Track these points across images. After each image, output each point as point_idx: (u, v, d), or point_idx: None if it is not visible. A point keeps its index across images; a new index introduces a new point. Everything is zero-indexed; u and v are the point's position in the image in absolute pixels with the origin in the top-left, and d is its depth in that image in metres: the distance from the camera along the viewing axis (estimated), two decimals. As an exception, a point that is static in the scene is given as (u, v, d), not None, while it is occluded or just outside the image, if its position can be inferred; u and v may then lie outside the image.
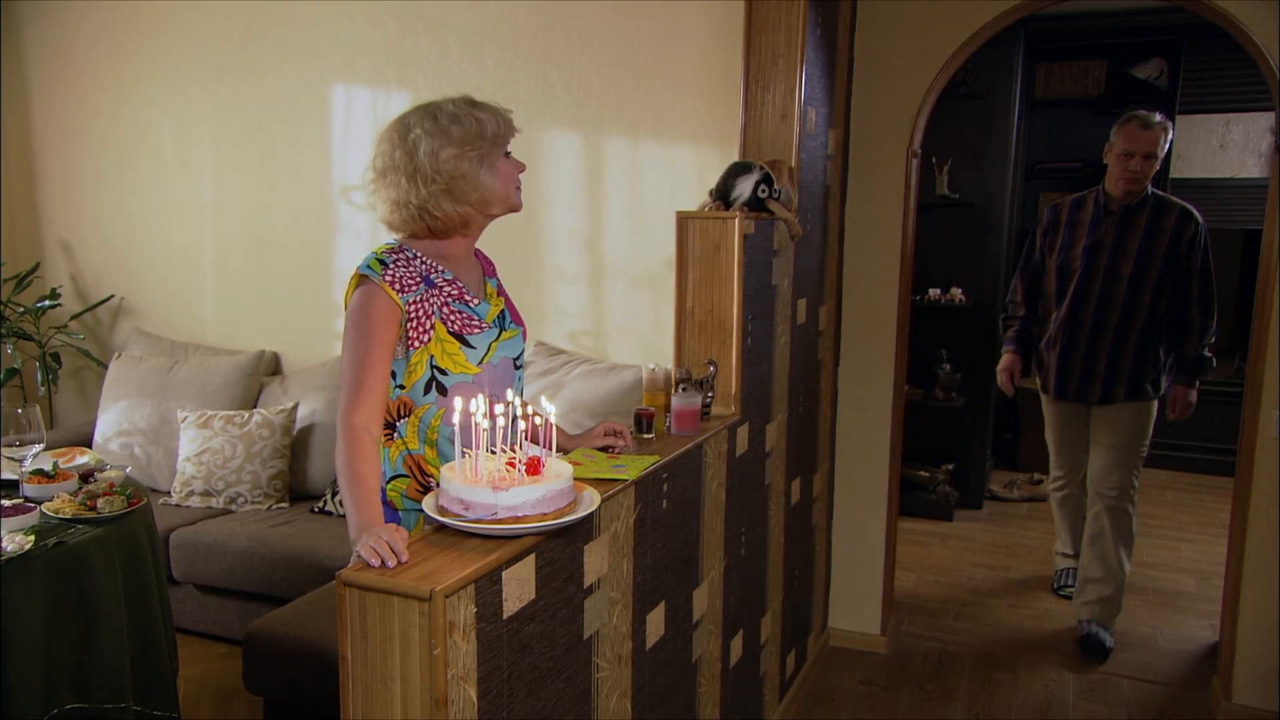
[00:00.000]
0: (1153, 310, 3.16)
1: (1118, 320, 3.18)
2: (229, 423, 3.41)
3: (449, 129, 1.65)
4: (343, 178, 3.64)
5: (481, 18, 3.31)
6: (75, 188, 4.07)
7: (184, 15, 3.75)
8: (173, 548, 3.13)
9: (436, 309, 1.65)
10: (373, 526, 1.43)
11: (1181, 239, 3.11)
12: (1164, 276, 3.13)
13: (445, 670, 1.24)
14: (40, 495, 2.23)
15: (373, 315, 1.60)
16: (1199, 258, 3.13)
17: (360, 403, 1.57)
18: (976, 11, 2.84)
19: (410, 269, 1.65)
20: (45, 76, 4.02)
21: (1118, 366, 3.21)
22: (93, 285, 4.12)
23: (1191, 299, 3.14)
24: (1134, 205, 3.15)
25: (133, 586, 2.18)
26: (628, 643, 1.77)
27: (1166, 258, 3.12)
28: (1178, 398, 3.26)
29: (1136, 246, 3.14)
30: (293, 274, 3.77)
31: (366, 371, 1.58)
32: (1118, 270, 3.17)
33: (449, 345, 1.66)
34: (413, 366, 1.66)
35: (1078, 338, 3.25)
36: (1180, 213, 3.14)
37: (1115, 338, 3.19)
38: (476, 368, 1.69)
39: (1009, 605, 3.68)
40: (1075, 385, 3.30)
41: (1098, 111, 5.54)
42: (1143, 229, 3.14)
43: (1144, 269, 3.14)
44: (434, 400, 1.68)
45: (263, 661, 2.44)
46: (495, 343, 1.73)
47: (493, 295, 1.80)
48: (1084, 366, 3.26)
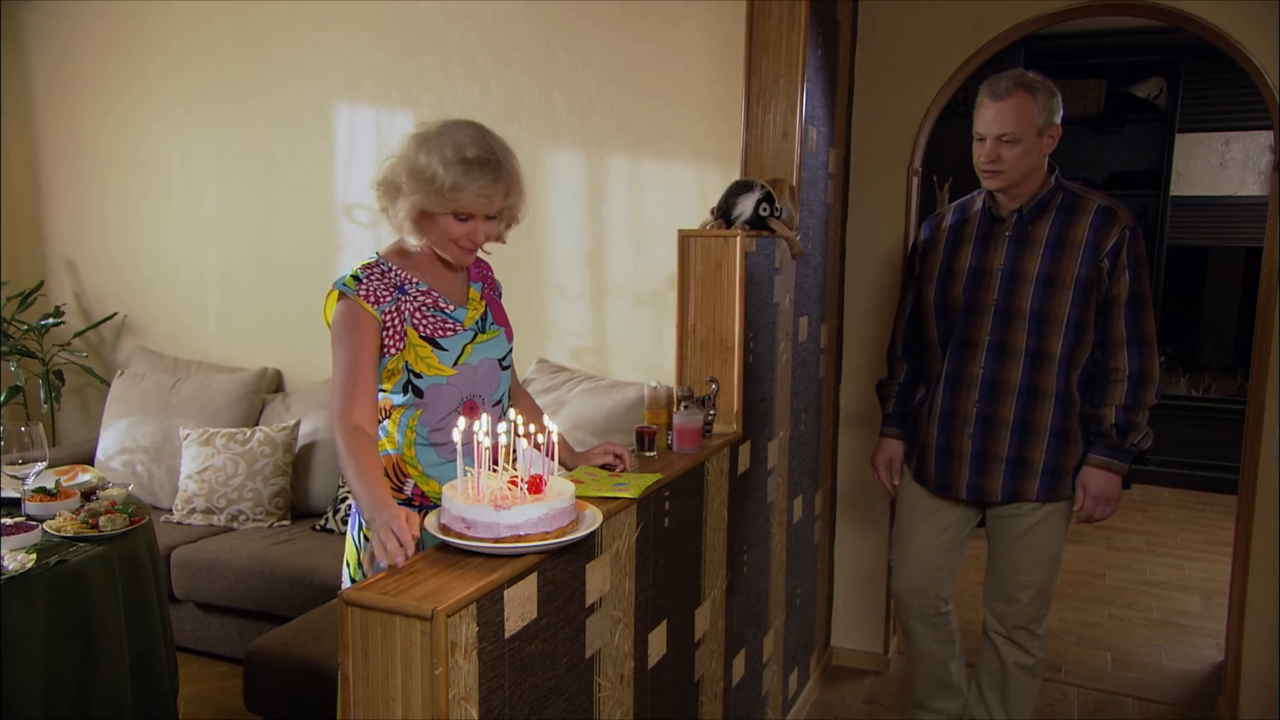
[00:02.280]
0: (1069, 360, 2.21)
1: (1022, 379, 2.22)
2: (231, 440, 3.41)
3: (424, 157, 1.67)
4: (345, 196, 3.65)
5: (485, 38, 3.34)
6: (80, 206, 4.09)
7: (189, 34, 3.78)
8: (174, 566, 3.13)
9: (408, 315, 1.71)
10: (384, 500, 1.47)
11: (1100, 252, 2.15)
12: (1081, 309, 2.18)
13: (447, 690, 1.23)
14: (42, 513, 2.23)
15: (355, 325, 1.66)
16: (1127, 278, 2.15)
17: (354, 404, 1.62)
18: (976, 31, 2.86)
19: (384, 281, 1.71)
20: (51, 94, 4.04)
21: (1026, 448, 2.25)
22: (96, 303, 4.13)
23: (1116, 341, 2.18)
24: (1031, 209, 2.21)
25: (134, 605, 2.17)
26: (630, 662, 1.76)
27: (1081, 282, 2.16)
28: (1091, 485, 2.23)
29: (1037, 269, 2.18)
30: (295, 292, 3.78)
31: (357, 375, 1.64)
32: (1013, 304, 2.21)
33: (421, 349, 1.71)
34: (390, 371, 1.72)
35: (963, 405, 2.29)
36: (1099, 214, 2.17)
37: (1020, 404, 2.24)
38: (451, 369, 1.73)
39: (1013, 624, 3.66)
40: (966, 477, 2.31)
41: (1098, 130, 5.58)
42: (1045, 243, 2.19)
43: (1050, 301, 2.18)
44: (410, 401, 1.73)
45: (263, 681, 2.43)
46: (471, 344, 1.76)
47: (474, 300, 1.82)
48: (976, 448, 2.29)
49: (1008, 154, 2.13)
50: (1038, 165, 2.17)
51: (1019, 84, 2.11)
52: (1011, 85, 2.11)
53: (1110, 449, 2.21)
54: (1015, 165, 2.14)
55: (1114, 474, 2.22)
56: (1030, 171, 2.17)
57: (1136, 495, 5.38)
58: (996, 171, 2.16)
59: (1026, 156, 2.13)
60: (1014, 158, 2.14)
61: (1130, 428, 2.19)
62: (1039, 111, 2.12)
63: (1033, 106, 2.12)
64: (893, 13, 2.95)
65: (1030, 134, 2.12)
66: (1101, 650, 3.46)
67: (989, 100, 2.15)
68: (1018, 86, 2.11)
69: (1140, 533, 4.78)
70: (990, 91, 2.15)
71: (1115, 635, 3.58)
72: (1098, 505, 2.24)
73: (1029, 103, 2.12)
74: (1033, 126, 2.12)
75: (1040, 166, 2.19)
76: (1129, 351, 2.17)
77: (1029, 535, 2.32)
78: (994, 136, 2.14)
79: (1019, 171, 2.15)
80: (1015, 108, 2.11)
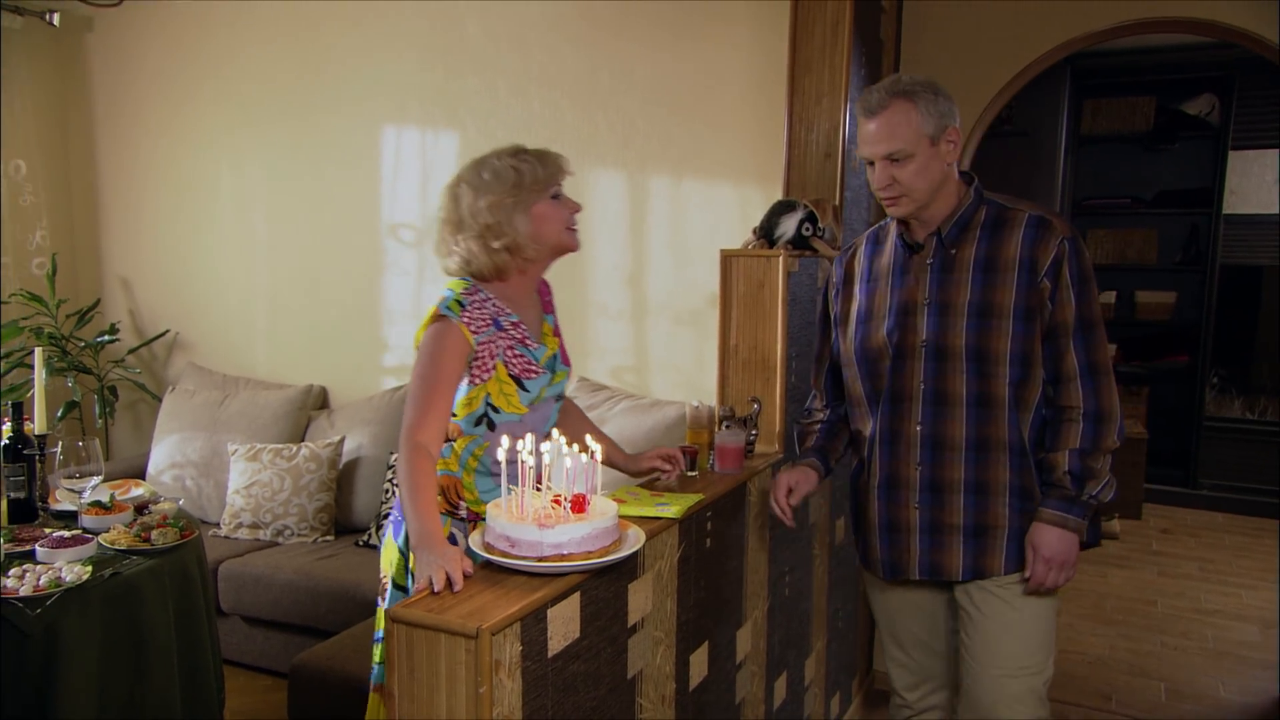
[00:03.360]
0: (1017, 402, 1.82)
1: (967, 431, 1.83)
2: (277, 456, 3.46)
3: (488, 180, 1.74)
4: (391, 216, 3.72)
5: (528, 59, 3.38)
6: (135, 226, 4.21)
7: (241, 59, 3.88)
8: (221, 579, 3.18)
9: (501, 351, 1.73)
10: (434, 535, 1.49)
11: (1038, 271, 1.78)
12: (1024, 341, 1.79)
13: (491, 708, 1.24)
14: (97, 526, 2.28)
15: (447, 348, 1.69)
16: (1072, 299, 1.78)
17: (425, 423, 1.64)
18: (1022, 49, 2.84)
19: (483, 311, 1.74)
20: (110, 120, 4.17)
21: (984, 513, 1.84)
22: (149, 321, 4.23)
23: (1067, 375, 1.80)
24: (951, 230, 1.84)
25: (183, 618, 2.21)
26: (671, 683, 1.76)
27: (1020, 309, 1.79)
28: (1041, 545, 1.81)
29: (968, 299, 1.81)
30: (341, 310, 3.85)
31: (434, 396, 1.67)
32: (945, 343, 1.83)
33: (506, 386, 1.74)
34: (469, 399, 1.74)
35: (904, 469, 1.88)
36: (1031, 226, 1.81)
37: (970, 461, 1.84)
38: (526, 409, 1.77)
39: (1059, 651, 3.58)
40: (916, 554, 1.90)
41: (1147, 147, 5.49)
42: (973, 267, 1.82)
43: (986, 334, 1.80)
44: (482, 434, 1.76)
45: (307, 695, 2.46)
46: (546, 387, 1.81)
47: (549, 335, 1.86)
48: (925, 519, 1.88)
49: (902, 174, 1.77)
50: (944, 179, 1.81)
51: (893, 92, 1.77)
52: (885, 95, 1.77)
53: (1064, 501, 1.79)
54: (915, 184, 1.78)
55: (1069, 531, 1.79)
56: (936, 187, 1.81)
57: (1190, 520, 5.24)
58: (896, 197, 1.81)
59: (925, 172, 1.78)
60: (910, 177, 1.77)
61: (1088, 475, 1.79)
62: (924, 118, 1.76)
63: (914, 114, 1.76)
64: (937, 31, 2.94)
65: (921, 145, 1.76)
66: (1154, 680, 3.36)
67: (864, 118, 1.81)
68: (892, 95, 1.77)
69: (1193, 559, 4.65)
70: (864, 108, 1.80)
71: (1169, 665, 3.48)
72: (1050, 570, 1.80)
73: (909, 111, 1.76)
74: (921, 136, 1.76)
75: (949, 179, 1.82)
76: (1083, 386, 1.79)
77: (1007, 617, 1.87)
78: (880, 157, 1.79)
79: (922, 191, 1.79)
80: (895, 120, 1.76)
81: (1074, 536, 1.80)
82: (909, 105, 1.76)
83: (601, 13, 3.26)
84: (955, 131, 1.80)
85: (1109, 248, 5.70)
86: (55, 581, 1.94)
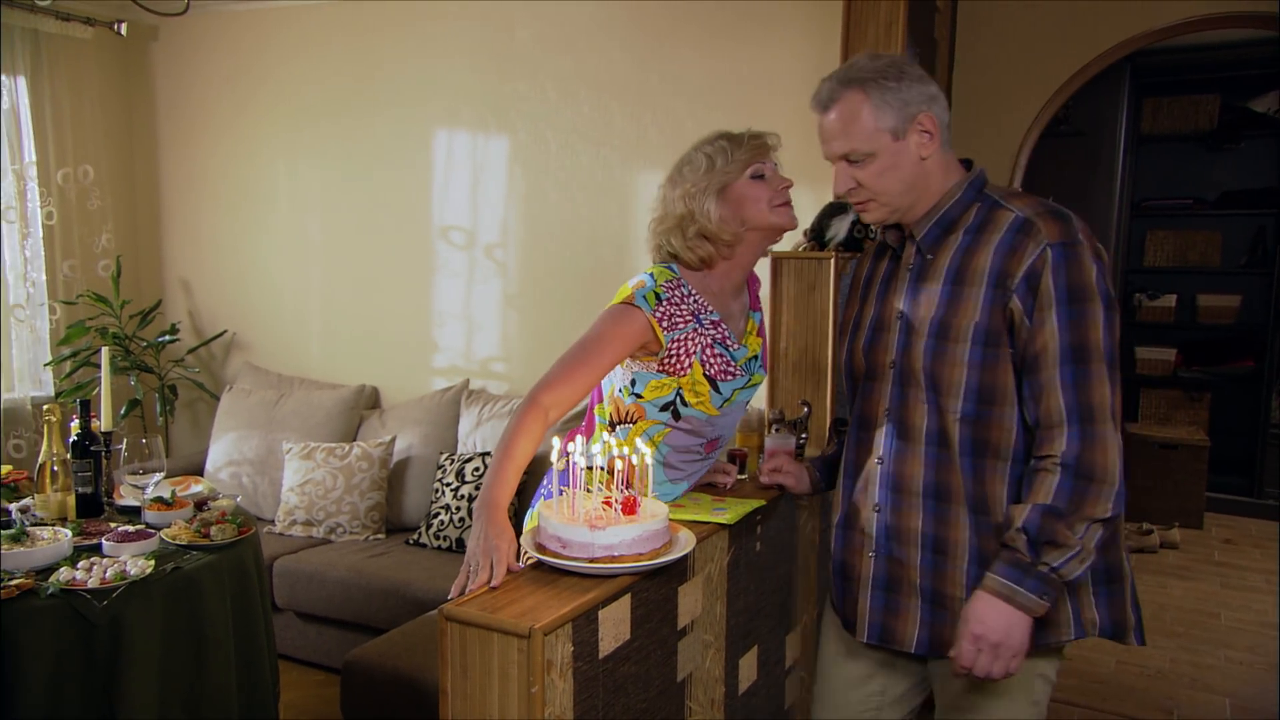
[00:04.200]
0: (971, 447, 1.50)
1: (925, 474, 1.53)
2: (330, 455, 3.52)
3: (683, 171, 1.73)
4: (442, 218, 3.76)
5: (578, 62, 3.40)
6: (195, 229, 4.32)
7: (297, 64, 3.96)
8: (276, 575, 3.24)
9: (699, 350, 1.69)
10: (497, 506, 1.48)
11: (1007, 285, 1.45)
12: (980, 371, 1.47)
13: (543, 708, 1.24)
14: (159, 522, 2.34)
15: (620, 335, 1.64)
16: (1054, 322, 1.43)
17: (557, 387, 1.60)
18: (1081, 47, 2.78)
19: (683, 306, 1.69)
20: (172, 126, 4.29)
21: (942, 577, 1.53)
22: (208, 321, 4.34)
23: (1049, 419, 1.43)
24: (928, 232, 1.56)
25: (241, 612, 2.26)
26: (720, 687, 1.75)
27: (979, 331, 1.47)
28: (972, 618, 1.43)
29: (932, 314, 1.52)
30: (393, 311, 3.91)
31: (582, 368, 1.62)
32: (908, 364, 1.54)
33: (700, 385, 1.70)
34: (660, 385, 1.70)
35: (862, 509, 1.61)
36: (1011, 230, 1.48)
37: (929, 511, 1.53)
38: (716, 410, 1.73)
39: (1117, 662, 3.49)
40: (866, 613, 1.60)
41: (1211, 147, 5.34)
42: (944, 277, 1.52)
43: (940, 359, 1.50)
44: (665, 421, 1.73)
45: (359, 691, 2.49)
46: (740, 390, 1.76)
47: (751, 335, 1.81)
48: (881, 573, 1.59)
49: (865, 175, 1.52)
50: (919, 175, 1.52)
51: (843, 82, 1.51)
52: (835, 87, 1.52)
53: (1015, 569, 1.41)
54: (882, 186, 1.52)
55: (1014, 608, 1.40)
56: (909, 187, 1.53)
57: (1254, 530, 5.08)
58: (863, 202, 1.57)
59: (892, 171, 1.51)
60: (873, 178, 1.51)
61: (1048, 540, 1.39)
62: (880, 109, 1.49)
63: (867, 107, 1.49)
64: (992, 31, 2.90)
65: (882, 141, 1.50)
66: (1218, 695, 3.26)
67: (817, 114, 1.56)
68: (842, 86, 1.51)
69: (1259, 570, 4.50)
70: (814, 101, 1.55)
71: (1233, 680, 3.38)
72: (979, 651, 1.41)
73: (861, 103, 1.49)
74: (879, 131, 1.49)
75: (928, 175, 1.53)
76: (1068, 432, 1.40)
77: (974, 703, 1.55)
78: (836, 158, 1.54)
79: (893, 193, 1.53)
80: (846, 115, 1.50)
81: (1019, 616, 1.40)
82: (860, 97, 1.49)
83: (651, 15, 3.27)
84: (929, 118, 1.50)
85: (1170, 250, 5.55)
86: (120, 574, 1.99)
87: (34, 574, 1.98)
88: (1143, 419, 5.58)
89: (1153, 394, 5.63)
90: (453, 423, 3.60)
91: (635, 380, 1.72)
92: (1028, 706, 1.54)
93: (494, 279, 3.71)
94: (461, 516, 3.32)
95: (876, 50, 2.42)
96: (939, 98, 1.53)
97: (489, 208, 3.67)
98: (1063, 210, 1.47)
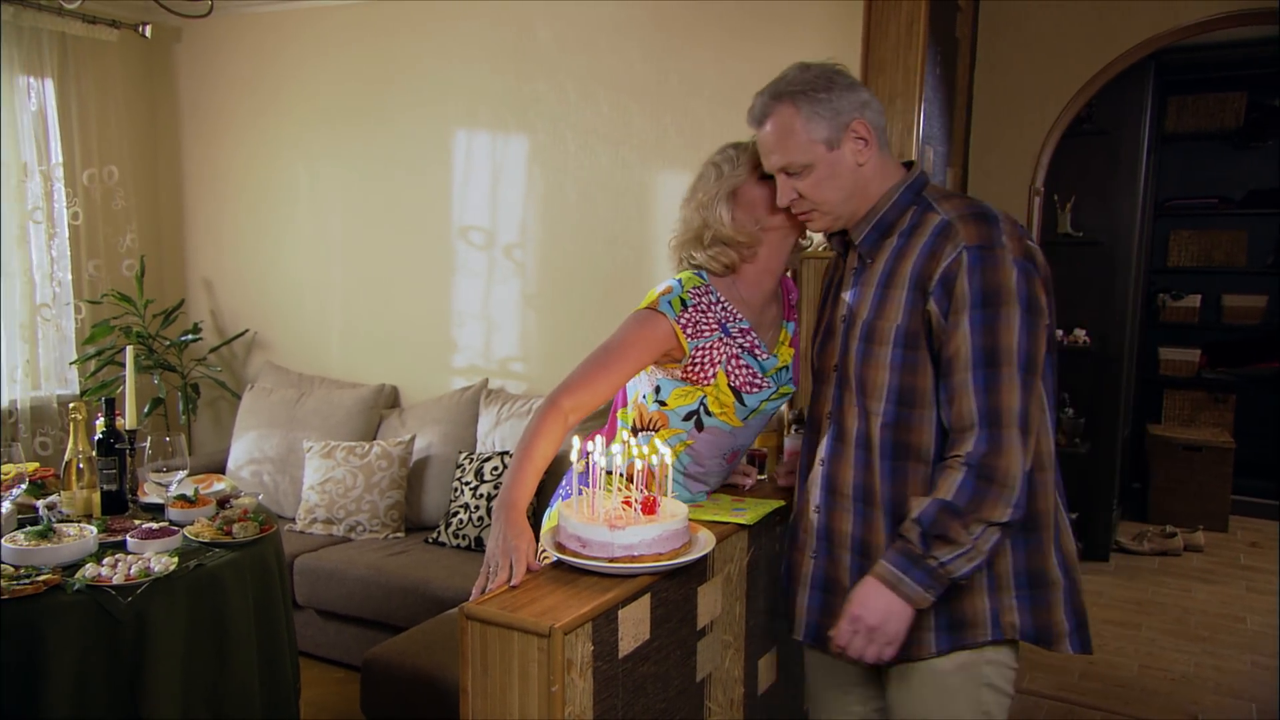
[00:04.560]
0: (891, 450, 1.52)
1: (854, 476, 1.56)
2: (350, 453, 3.55)
3: (695, 187, 1.73)
4: (461, 218, 3.78)
5: (598, 63, 3.41)
6: (217, 229, 4.36)
7: (318, 66, 3.99)
8: (296, 573, 3.26)
9: (724, 360, 1.67)
10: (516, 507, 1.50)
11: (925, 288, 1.46)
12: (901, 374, 1.49)
13: (563, 707, 1.25)
14: (182, 519, 2.37)
15: (643, 339, 1.65)
16: (966, 325, 1.42)
17: (578, 391, 1.61)
18: (1106, 45, 2.76)
19: (709, 314, 1.68)
20: (195, 127, 4.33)
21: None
22: (230, 320, 4.38)
23: (960, 422, 1.44)
24: (866, 237, 1.57)
25: (262, 609, 2.28)
26: (739, 687, 1.75)
27: (900, 333, 1.49)
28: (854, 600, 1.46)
29: (865, 318, 1.55)
30: (412, 311, 3.93)
31: (603, 372, 1.63)
32: (845, 367, 1.58)
33: (724, 396, 1.68)
34: (685, 393, 1.70)
35: (806, 511, 1.64)
36: (934, 232, 1.49)
37: (857, 514, 1.56)
38: (740, 422, 1.72)
39: (1140, 666, 3.46)
40: (804, 613, 1.63)
41: (1236, 146, 5.27)
42: (877, 281, 1.55)
43: (867, 362, 1.53)
44: (687, 431, 1.72)
45: (380, 688, 2.51)
46: (766, 402, 1.73)
47: (784, 345, 1.78)
48: (819, 574, 1.61)
49: (804, 186, 1.54)
50: (857, 182, 1.54)
51: (774, 96, 1.54)
52: (767, 101, 1.55)
53: (905, 559, 1.42)
54: (823, 196, 1.54)
55: (898, 597, 1.41)
56: (849, 195, 1.55)
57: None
58: (806, 213, 1.59)
59: (831, 181, 1.53)
60: (813, 189, 1.54)
61: (940, 535, 1.39)
62: (811, 121, 1.51)
63: (798, 120, 1.51)
64: (1015, 29, 2.88)
65: (816, 152, 1.52)
66: (1244, 700, 3.22)
67: (752, 128, 1.60)
68: (773, 100, 1.54)
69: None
70: (749, 118, 1.59)
71: (1259, 685, 3.33)
72: (855, 632, 1.44)
73: (792, 116, 1.52)
74: (813, 142, 1.51)
75: (866, 181, 1.55)
76: (975, 435, 1.41)
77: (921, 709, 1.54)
78: (776, 170, 1.56)
79: (834, 202, 1.55)
80: (779, 129, 1.53)
81: (901, 605, 1.41)
82: (791, 110, 1.52)
83: (670, 16, 3.27)
84: (862, 125, 1.52)
85: (1194, 250, 5.48)
86: (145, 571, 2.01)
87: (60, 570, 2.01)
88: (1166, 421, 5.52)
89: (1177, 395, 5.57)
90: (471, 422, 3.61)
91: (660, 387, 1.71)
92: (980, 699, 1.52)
93: (513, 279, 3.72)
94: (480, 516, 3.33)
95: (898, 49, 2.41)
96: (871, 103, 1.55)
97: (508, 208, 3.68)
98: (989, 213, 1.47)
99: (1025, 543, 1.49)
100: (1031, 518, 1.48)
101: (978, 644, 1.50)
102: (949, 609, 1.49)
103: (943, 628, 1.50)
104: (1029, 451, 1.41)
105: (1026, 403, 1.41)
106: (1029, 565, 1.50)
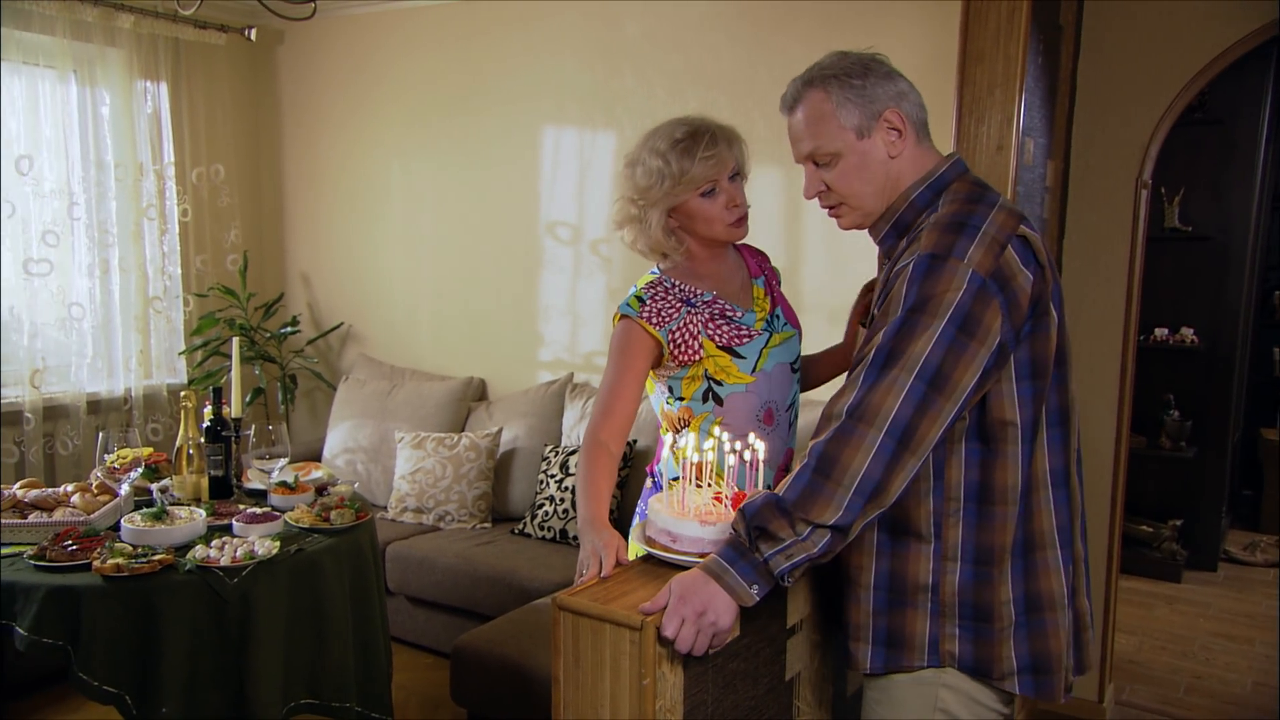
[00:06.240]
0: None
1: None
2: (440, 444, 3.63)
3: (635, 172, 1.75)
4: (549, 214, 3.82)
5: (686, 58, 3.40)
6: (315, 225, 4.51)
7: (412, 63, 4.08)
8: (388, 560, 3.36)
9: (701, 327, 1.73)
10: (597, 520, 1.55)
11: (889, 290, 1.40)
12: None
13: (654, 700, 1.25)
14: (283, 505, 2.46)
15: (627, 348, 1.72)
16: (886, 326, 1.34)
17: (606, 423, 1.69)
18: (1224, 30, 2.61)
19: (668, 300, 1.74)
20: (295, 125, 4.49)
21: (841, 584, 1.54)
22: (326, 314, 4.53)
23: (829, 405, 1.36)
24: (886, 237, 1.52)
25: (358, 594, 2.35)
26: (829, 688, 1.72)
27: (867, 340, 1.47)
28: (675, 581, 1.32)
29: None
30: (500, 305, 3.99)
31: (616, 398, 1.71)
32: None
33: (720, 359, 1.73)
34: (690, 380, 1.75)
35: None
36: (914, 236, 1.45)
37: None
38: (751, 376, 1.75)
39: (1254, 683, 3.29)
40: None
41: (1362, 134, 4.94)
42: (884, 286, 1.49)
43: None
44: (711, 409, 1.75)
45: (469, 675, 2.56)
46: (766, 349, 1.77)
47: (760, 298, 1.82)
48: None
49: (832, 178, 1.47)
50: (889, 176, 1.47)
51: (806, 82, 1.47)
52: (798, 87, 1.48)
53: (732, 549, 1.33)
54: (851, 189, 1.46)
55: (721, 587, 1.30)
56: (880, 189, 1.47)
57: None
58: (834, 206, 1.51)
59: (860, 172, 1.45)
60: (841, 180, 1.46)
61: (761, 528, 1.30)
62: (843, 107, 1.44)
63: (828, 105, 1.44)
64: (1124, 14, 2.75)
65: (846, 140, 1.44)
66: (1364, 724, 3.03)
67: (785, 116, 1.53)
68: (805, 85, 1.47)
69: None
70: (781, 104, 1.52)
71: (1381, 708, 3.13)
72: (674, 615, 1.28)
73: (822, 102, 1.45)
74: (843, 130, 1.44)
75: (899, 176, 1.47)
76: (833, 426, 1.31)
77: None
78: (803, 159, 1.50)
79: (864, 195, 1.47)
80: (809, 114, 1.46)
81: (723, 596, 1.29)
82: (821, 95, 1.45)
83: (761, 11, 3.24)
84: (896, 114, 1.44)
85: (1314, 245, 5.18)
86: (249, 554, 2.10)
87: (173, 550, 2.11)
88: (1281, 426, 5.23)
89: (1293, 399, 5.27)
90: (557, 415, 3.66)
91: (671, 387, 1.76)
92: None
93: (599, 274, 3.74)
94: (565, 508, 3.37)
95: (998, 38, 2.34)
96: (909, 94, 1.47)
97: (595, 204, 3.71)
98: (966, 224, 1.35)
99: (975, 574, 1.39)
100: (983, 550, 1.38)
101: (913, 668, 1.43)
102: (887, 624, 1.43)
103: (879, 642, 1.44)
104: (899, 466, 1.28)
105: (911, 414, 1.28)
106: (976, 600, 1.40)
